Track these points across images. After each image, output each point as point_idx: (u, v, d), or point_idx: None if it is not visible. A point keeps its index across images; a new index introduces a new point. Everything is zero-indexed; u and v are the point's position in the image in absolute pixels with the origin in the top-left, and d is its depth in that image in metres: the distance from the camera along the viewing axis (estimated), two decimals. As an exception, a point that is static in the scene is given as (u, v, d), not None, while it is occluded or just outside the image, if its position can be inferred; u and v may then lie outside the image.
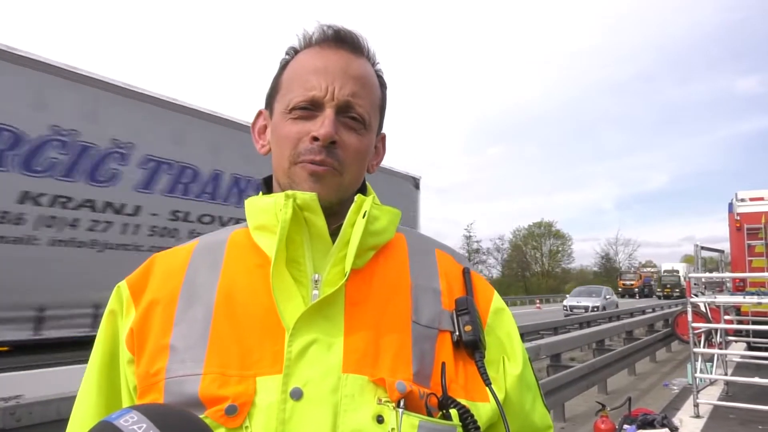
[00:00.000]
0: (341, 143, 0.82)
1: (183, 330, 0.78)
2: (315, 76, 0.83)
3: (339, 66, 0.84)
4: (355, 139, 0.84)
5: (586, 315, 19.66)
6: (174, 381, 0.74)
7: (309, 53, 0.86)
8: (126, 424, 0.59)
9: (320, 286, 0.79)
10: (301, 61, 0.87)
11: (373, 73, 0.89)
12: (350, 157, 0.83)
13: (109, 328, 0.85)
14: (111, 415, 0.62)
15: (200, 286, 0.81)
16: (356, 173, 0.86)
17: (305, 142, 0.81)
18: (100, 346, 0.85)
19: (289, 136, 0.83)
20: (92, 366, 0.84)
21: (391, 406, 0.72)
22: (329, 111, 0.81)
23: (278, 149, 0.85)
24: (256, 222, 0.86)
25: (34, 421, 3.18)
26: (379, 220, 0.86)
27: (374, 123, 0.88)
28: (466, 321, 0.81)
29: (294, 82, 0.85)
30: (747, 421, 6.81)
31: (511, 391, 0.85)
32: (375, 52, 0.90)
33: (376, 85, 0.90)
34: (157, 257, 0.89)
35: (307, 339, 0.74)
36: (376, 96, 0.89)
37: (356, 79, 0.84)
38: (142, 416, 0.60)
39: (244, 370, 0.73)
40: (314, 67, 0.84)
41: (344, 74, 0.83)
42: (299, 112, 0.83)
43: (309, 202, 0.79)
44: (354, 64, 0.85)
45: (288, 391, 0.71)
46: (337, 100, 0.82)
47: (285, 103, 0.84)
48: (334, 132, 0.80)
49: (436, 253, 0.92)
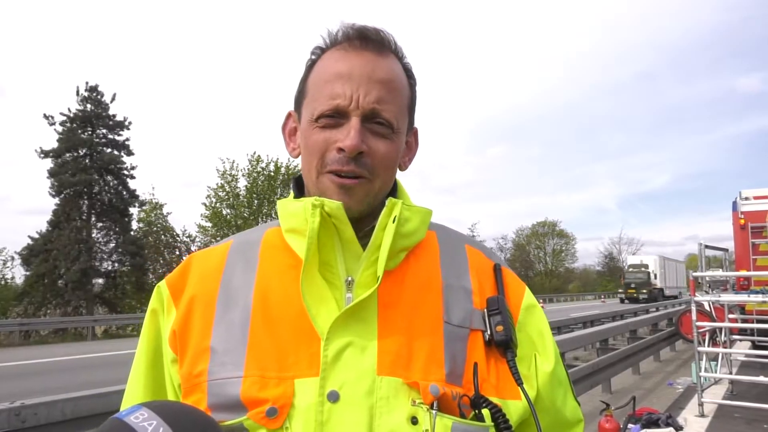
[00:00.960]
0: (369, 152, 0.81)
1: (222, 332, 0.80)
2: (339, 82, 0.82)
3: (364, 71, 0.82)
4: (384, 146, 0.83)
5: (590, 315, 19.62)
6: (216, 383, 0.76)
7: (333, 56, 0.85)
8: (136, 420, 0.60)
9: (353, 289, 0.81)
10: (325, 64, 0.86)
11: (400, 71, 0.87)
12: (379, 164, 0.82)
13: (151, 326, 0.88)
14: (121, 412, 0.62)
15: (237, 288, 0.84)
16: (387, 178, 0.85)
17: (332, 151, 0.81)
18: (144, 344, 0.88)
19: (316, 145, 0.82)
20: (138, 363, 0.88)
21: (424, 407, 0.73)
22: (355, 120, 0.80)
23: (306, 157, 0.85)
24: (288, 225, 0.87)
25: (39, 422, 3.19)
26: (410, 221, 0.86)
27: (403, 124, 0.87)
28: (498, 321, 0.82)
29: (319, 89, 0.84)
30: (752, 420, 6.79)
31: (542, 388, 0.86)
32: (401, 47, 0.89)
33: (404, 84, 0.88)
34: (194, 257, 0.92)
35: (342, 342, 0.76)
36: (404, 96, 0.87)
37: (382, 83, 0.83)
38: (153, 413, 0.61)
39: (282, 372, 0.75)
40: (338, 73, 0.82)
41: (369, 80, 0.82)
42: (325, 120, 0.82)
43: (335, 211, 0.79)
44: (379, 66, 0.83)
45: (325, 394, 0.73)
46: (363, 108, 0.81)
47: (311, 110, 0.84)
48: (360, 143, 0.80)
49: (466, 249, 0.92)
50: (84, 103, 24.34)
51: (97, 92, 24.61)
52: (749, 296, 9.01)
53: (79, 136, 23.98)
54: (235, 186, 28.39)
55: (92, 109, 24.38)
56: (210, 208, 28.30)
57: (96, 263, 23.77)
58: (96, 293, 23.97)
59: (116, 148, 25.07)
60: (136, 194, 25.55)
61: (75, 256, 22.22)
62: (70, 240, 22.36)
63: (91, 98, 24.45)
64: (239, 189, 28.42)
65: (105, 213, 24.54)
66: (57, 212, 23.24)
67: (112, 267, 24.73)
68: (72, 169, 23.43)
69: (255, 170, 28.52)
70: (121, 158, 24.92)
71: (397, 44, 0.88)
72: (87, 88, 24.45)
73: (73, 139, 23.76)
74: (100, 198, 24.51)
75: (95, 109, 24.43)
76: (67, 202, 23.38)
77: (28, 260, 22.72)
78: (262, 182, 28.47)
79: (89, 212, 24.25)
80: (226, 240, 0.94)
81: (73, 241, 22.41)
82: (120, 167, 24.87)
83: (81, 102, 24.31)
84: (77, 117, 24.06)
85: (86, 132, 24.35)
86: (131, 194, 25.34)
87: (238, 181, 28.46)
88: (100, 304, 24.12)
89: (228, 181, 28.28)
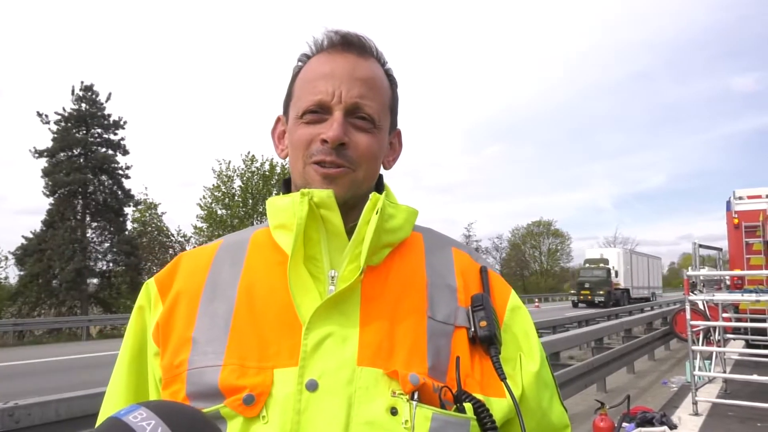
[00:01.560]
0: (351, 144, 0.84)
1: (205, 323, 0.81)
2: (323, 80, 0.86)
3: (346, 69, 0.86)
4: (365, 139, 0.86)
5: (585, 314, 19.68)
6: (195, 372, 0.77)
7: (318, 60, 0.89)
8: (135, 420, 0.60)
9: (336, 283, 0.82)
10: (310, 68, 0.89)
11: (381, 73, 0.91)
12: (361, 156, 0.85)
13: (137, 323, 0.89)
14: (120, 411, 0.62)
15: (223, 283, 0.85)
16: (370, 170, 0.88)
17: (316, 143, 0.84)
18: (129, 341, 0.88)
19: (301, 139, 0.86)
20: (121, 360, 0.88)
21: (404, 398, 0.73)
22: (338, 114, 0.84)
23: (293, 152, 0.88)
24: (276, 221, 0.88)
25: (33, 423, 3.17)
26: (394, 218, 0.87)
27: (385, 122, 0.90)
28: (481, 317, 0.82)
29: (304, 89, 0.88)
30: (746, 419, 6.82)
31: (528, 389, 0.86)
32: (383, 53, 0.93)
33: (385, 84, 0.91)
34: (183, 256, 0.93)
35: (323, 332, 0.76)
36: (385, 95, 0.90)
37: (363, 80, 0.86)
38: (151, 412, 0.61)
39: (262, 362, 0.76)
40: (322, 73, 0.86)
41: (351, 77, 0.86)
42: (309, 116, 0.85)
43: (325, 199, 0.81)
44: (361, 66, 0.87)
45: (304, 383, 0.73)
46: (345, 102, 0.84)
47: (297, 109, 0.88)
48: (342, 134, 0.83)
49: (452, 252, 0.93)
50: (79, 102, 24.24)
51: (92, 92, 24.51)
52: (743, 295, 9.06)
53: (73, 135, 23.88)
54: (231, 186, 28.36)
55: (87, 108, 24.27)
56: (205, 208, 28.25)
57: (90, 263, 23.68)
58: (90, 293, 23.88)
59: (111, 147, 24.97)
60: (130, 194, 25.48)
61: (69, 256, 22.13)
62: (64, 240, 22.27)
63: (86, 98, 24.35)
64: (234, 189, 28.39)
65: (99, 213, 24.45)
66: (51, 212, 23.13)
67: (107, 267, 24.65)
68: (66, 169, 23.34)
69: (249, 170, 28.49)
70: (115, 158, 24.83)
71: (378, 50, 0.92)
72: (82, 88, 24.36)
73: (67, 139, 23.66)
74: (95, 198, 24.41)
75: (90, 108, 24.33)
76: (61, 202, 23.28)
77: (22, 260, 22.61)
78: (256, 182, 28.44)
79: (84, 212, 24.15)
80: (217, 240, 0.96)
81: (67, 241, 22.32)
82: (115, 167, 24.77)
83: (76, 101, 24.22)
84: (72, 116, 23.95)
85: (81, 131, 24.25)
86: (126, 194, 25.25)
87: (233, 181, 28.45)
88: (94, 304, 24.04)
89: (224, 181, 28.25)
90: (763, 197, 12.57)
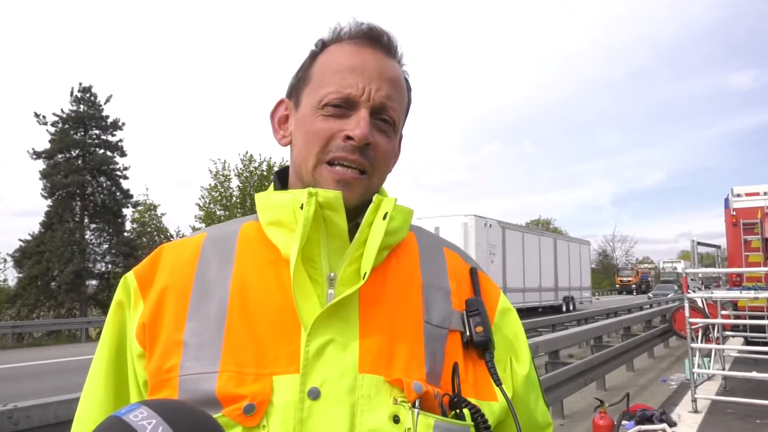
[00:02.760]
0: (374, 145, 0.81)
1: (196, 325, 0.77)
2: (351, 74, 0.81)
3: (376, 67, 0.83)
4: (385, 142, 0.84)
5: (583, 312, 19.69)
6: (189, 378, 0.73)
7: (344, 48, 0.85)
8: (135, 419, 0.58)
9: (336, 286, 0.79)
10: (335, 55, 0.85)
11: (402, 76, 0.89)
12: (380, 159, 0.83)
13: (116, 320, 0.83)
14: (120, 410, 0.61)
15: (213, 280, 0.80)
16: (383, 175, 0.86)
17: (337, 140, 0.80)
18: (107, 339, 0.83)
19: (320, 132, 0.81)
20: (99, 359, 0.83)
21: (407, 406, 0.72)
22: (364, 112, 0.80)
23: (305, 145, 0.83)
24: (271, 217, 0.84)
25: (32, 425, 3.17)
26: (394, 219, 0.84)
27: (401, 126, 0.89)
28: (478, 322, 0.82)
29: (327, 77, 0.83)
30: (745, 416, 6.83)
31: (519, 390, 0.87)
32: (403, 54, 0.89)
33: (405, 88, 0.89)
34: (164, 248, 0.88)
35: (324, 339, 0.74)
36: (405, 100, 0.89)
37: (391, 81, 0.84)
38: (152, 411, 0.59)
39: (260, 368, 0.72)
40: (350, 65, 0.82)
41: (381, 76, 0.83)
42: (333, 109, 0.81)
43: (332, 200, 0.78)
44: (389, 66, 0.85)
45: (306, 391, 0.71)
46: (373, 101, 0.81)
47: (317, 97, 0.82)
48: (369, 133, 0.80)
49: (444, 252, 0.92)
50: (77, 103, 24.19)
51: (90, 93, 24.48)
52: (741, 292, 9.07)
53: (71, 137, 23.83)
54: (228, 186, 28.33)
55: (85, 110, 24.23)
56: (204, 208, 28.22)
57: (89, 265, 23.64)
58: (89, 295, 23.83)
59: (109, 149, 24.92)
60: (129, 195, 25.44)
61: (68, 258, 22.09)
62: (63, 241, 22.22)
63: (84, 99, 24.31)
64: (232, 189, 28.36)
65: (98, 214, 24.41)
66: (49, 213, 23.08)
67: (106, 268, 24.58)
68: (64, 170, 23.29)
69: (248, 170, 28.45)
70: (114, 159, 24.79)
71: (400, 51, 0.88)
72: (80, 89, 24.31)
73: (65, 140, 23.61)
74: (93, 199, 24.38)
75: (88, 110, 24.29)
76: (59, 204, 23.24)
77: (21, 262, 22.56)
78: (254, 182, 28.39)
79: (82, 213, 24.12)
80: (200, 232, 0.90)
81: (66, 243, 22.28)
82: (113, 168, 24.73)
83: (74, 103, 24.18)
84: (70, 118, 23.91)
85: (79, 133, 24.21)
86: (124, 195, 25.21)
87: (230, 181, 28.41)
88: (93, 306, 23.98)
89: (221, 181, 28.21)
90: (761, 194, 12.58)
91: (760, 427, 6.44)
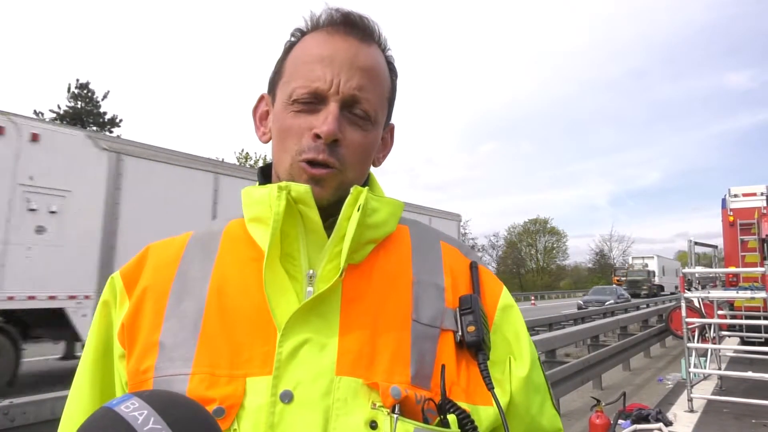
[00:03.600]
0: (344, 141, 0.77)
1: (173, 326, 0.75)
2: (320, 65, 0.78)
3: (346, 56, 0.78)
4: (360, 136, 0.79)
5: (581, 312, 19.77)
6: (162, 380, 0.71)
7: (315, 38, 0.81)
8: (127, 410, 0.58)
9: (315, 283, 0.75)
10: (306, 46, 0.81)
11: (383, 61, 0.84)
12: (353, 155, 0.79)
13: (102, 319, 0.82)
14: (111, 402, 0.60)
15: (192, 280, 0.78)
16: (360, 171, 0.82)
17: (307, 138, 0.77)
18: (93, 339, 0.82)
19: (290, 130, 0.79)
20: (85, 359, 0.82)
21: (385, 411, 0.68)
22: (333, 106, 0.77)
23: (279, 143, 0.81)
24: (251, 213, 0.82)
25: (28, 421, 3.17)
26: (378, 212, 0.81)
27: (381, 117, 0.84)
28: (470, 321, 0.77)
29: (297, 70, 0.80)
30: (741, 415, 6.85)
31: (516, 394, 0.80)
32: (386, 38, 0.85)
33: (386, 75, 0.84)
34: (150, 248, 0.86)
35: (299, 339, 0.71)
36: (384, 88, 0.84)
37: (364, 70, 0.79)
38: (144, 403, 0.59)
39: (233, 369, 0.70)
40: (320, 56, 0.79)
41: (351, 65, 0.78)
42: (301, 105, 0.78)
43: (303, 194, 0.75)
44: (363, 53, 0.80)
45: (278, 394, 0.68)
46: (342, 94, 0.77)
47: (287, 92, 0.80)
48: (336, 130, 0.76)
49: (441, 246, 0.87)
50: (74, 100, 24.18)
51: (87, 89, 24.47)
52: (738, 292, 9.12)
53: (68, 133, 23.76)
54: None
55: (83, 106, 24.23)
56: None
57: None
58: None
59: (106, 145, 24.86)
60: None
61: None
62: (59, 238, 22.15)
63: (81, 95, 24.29)
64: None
65: (95, 211, 24.34)
66: (46, 210, 23.03)
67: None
68: (61, 167, 23.20)
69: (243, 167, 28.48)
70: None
71: (381, 34, 0.84)
72: (77, 85, 24.30)
73: (62, 137, 23.54)
74: (90, 196, 24.30)
75: (86, 106, 24.28)
76: (56, 200, 23.17)
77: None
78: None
79: (79, 210, 24.07)
80: (187, 231, 0.88)
81: (62, 239, 22.20)
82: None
83: (71, 99, 24.15)
84: (67, 114, 23.90)
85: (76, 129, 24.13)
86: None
87: (228, 178, 28.41)
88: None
89: (218, 178, 28.21)
90: (758, 195, 12.63)
91: (755, 426, 6.47)
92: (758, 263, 11.86)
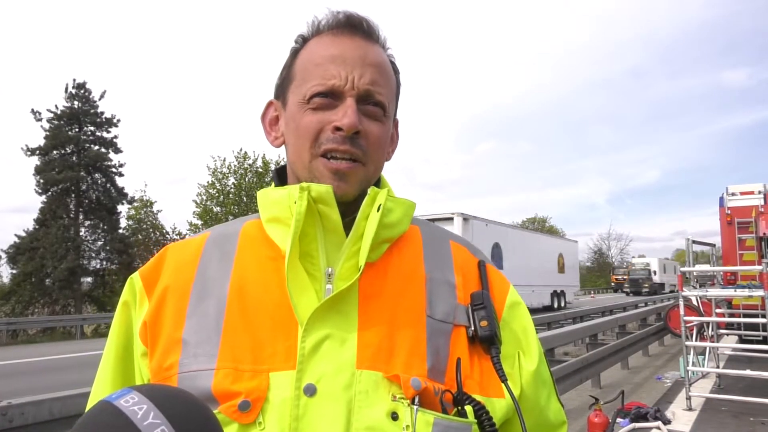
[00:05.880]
0: (364, 132, 0.80)
1: (195, 324, 0.77)
2: (333, 64, 0.81)
3: (356, 54, 0.82)
4: (377, 128, 0.82)
5: (579, 310, 19.77)
6: (187, 376, 0.73)
7: (323, 40, 0.84)
8: (126, 404, 0.58)
9: (333, 281, 0.78)
10: (315, 48, 0.84)
11: (387, 59, 0.87)
12: (373, 146, 0.82)
13: (122, 319, 0.85)
14: (111, 395, 0.60)
15: (212, 279, 0.81)
16: (379, 163, 0.85)
17: (327, 132, 0.80)
18: (114, 338, 0.85)
19: (309, 126, 0.81)
20: (107, 358, 0.85)
21: (405, 402, 0.71)
22: (350, 100, 0.80)
23: (297, 141, 0.83)
24: (269, 214, 0.84)
25: (26, 422, 3.16)
26: (393, 212, 0.84)
27: (392, 110, 0.87)
28: (482, 316, 0.80)
29: (310, 72, 0.82)
30: (739, 413, 6.86)
31: (526, 387, 0.84)
32: (386, 38, 0.89)
33: (391, 71, 0.88)
34: (169, 248, 0.89)
35: (321, 334, 0.74)
36: (392, 83, 0.87)
37: (374, 66, 0.83)
38: (143, 397, 0.59)
39: (257, 365, 0.72)
40: (331, 56, 0.82)
41: (363, 62, 0.82)
42: (318, 101, 0.81)
43: (324, 194, 0.78)
44: (370, 51, 0.84)
45: (302, 387, 0.71)
46: (358, 89, 0.80)
47: (302, 92, 0.82)
48: (357, 121, 0.79)
49: (450, 245, 0.90)
50: (71, 100, 24.11)
51: (85, 89, 24.39)
52: (736, 291, 9.13)
53: (66, 133, 23.75)
54: (225, 184, 28.32)
55: (80, 106, 24.16)
56: (201, 205, 28.21)
57: (84, 261, 23.56)
58: (84, 292, 23.78)
59: (104, 145, 24.83)
60: (124, 192, 25.35)
61: (62, 255, 22.02)
62: (57, 238, 22.15)
63: (78, 95, 24.23)
64: (229, 187, 28.36)
65: (92, 211, 24.32)
66: (44, 210, 23.00)
67: (101, 265, 24.54)
68: (59, 167, 23.20)
69: (242, 167, 28.45)
70: (108, 156, 24.72)
71: (382, 36, 0.88)
72: (75, 85, 24.23)
73: (60, 137, 23.52)
74: (88, 196, 24.30)
75: (83, 106, 24.21)
76: (53, 200, 23.16)
77: (15, 259, 22.48)
78: (250, 179, 28.39)
79: (77, 210, 24.03)
80: (204, 232, 0.91)
81: (60, 240, 22.21)
82: (107, 165, 24.66)
83: (68, 99, 24.09)
84: (64, 114, 23.83)
85: (73, 129, 24.13)
86: (119, 192, 25.13)
87: (228, 178, 28.41)
88: (88, 303, 23.94)
89: (219, 178, 28.21)
90: (755, 193, 12.65)
91: (753, 424, 6.48)
92: (756, 261, 11.89)
